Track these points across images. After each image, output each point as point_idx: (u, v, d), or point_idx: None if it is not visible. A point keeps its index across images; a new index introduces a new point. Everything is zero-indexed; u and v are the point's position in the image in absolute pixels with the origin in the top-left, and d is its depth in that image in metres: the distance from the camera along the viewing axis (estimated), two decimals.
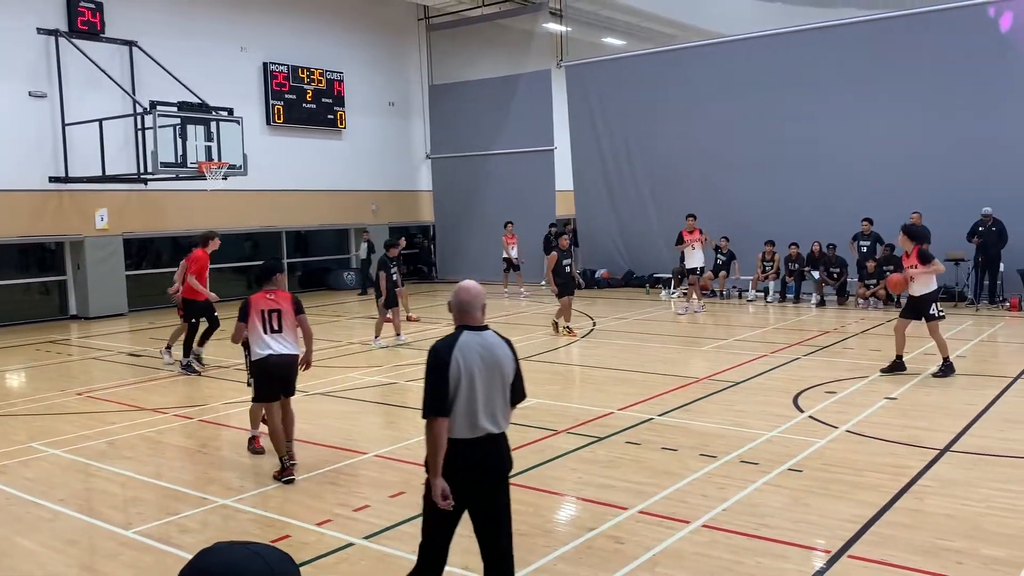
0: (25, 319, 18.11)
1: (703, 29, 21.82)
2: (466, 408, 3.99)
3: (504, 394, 4.12)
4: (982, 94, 16.61)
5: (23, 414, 9.69)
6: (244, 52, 21.33)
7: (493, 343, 4.13)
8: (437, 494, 3.95)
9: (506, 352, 4.16)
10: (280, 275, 7.34)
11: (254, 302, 7.15)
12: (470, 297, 4.16)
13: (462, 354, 4.00)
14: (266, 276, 7.30)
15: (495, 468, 4.12)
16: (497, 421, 4.08)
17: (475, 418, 4.00)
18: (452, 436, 3.98)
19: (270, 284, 7.23)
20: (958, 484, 6.35)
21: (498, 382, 4.09)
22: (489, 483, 4.10)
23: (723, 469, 6.83)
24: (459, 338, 4.06)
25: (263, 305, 7.13)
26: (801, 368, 10.93)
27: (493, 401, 4.07)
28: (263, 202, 21.57)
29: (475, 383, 3.99)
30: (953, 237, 16.15)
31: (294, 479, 6.88)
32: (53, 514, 6.33)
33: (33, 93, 17.42)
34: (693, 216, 16.75)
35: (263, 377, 7.12)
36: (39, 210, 17.60)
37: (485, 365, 4.04)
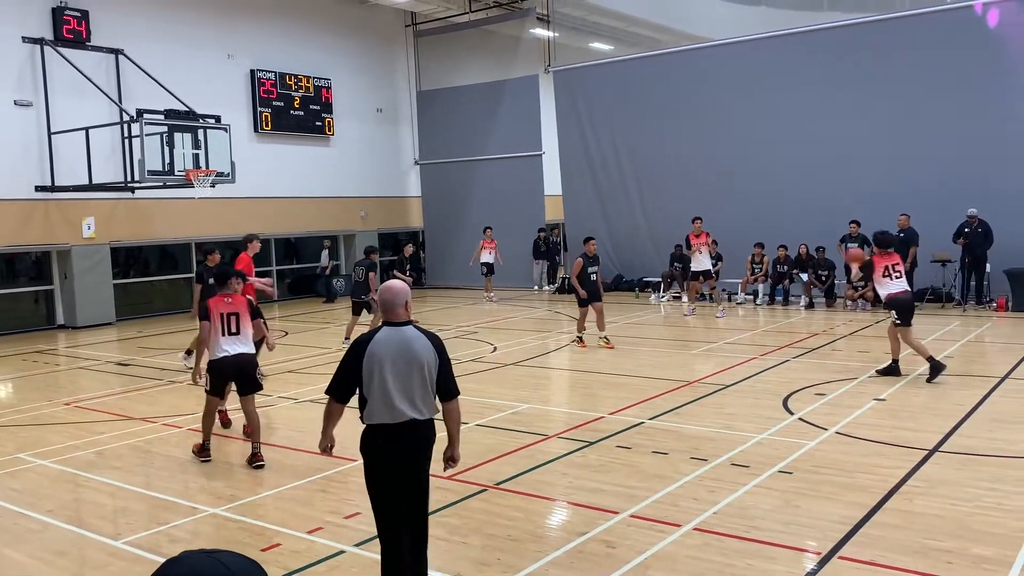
0: (12, 329, 17.99)
1: (689, 34, 21.94)
2: (381, 395, 4.37)
3: (425, 384, 4.43)
4: (968, 96, 16.73)
5: (10, 425, 9.62)
6: (231, 59, 21.30)
7: (411, 337, 4.47)
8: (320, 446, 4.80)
9: (425, 345, 4.46)
10: (234, 279, 7.84)
11: (213, 305, 7.64)
12: (391, 295, 4.53)
13: (377, 347, 4.40)
14: (222, 280, 7.85)
15: (417, 448, 4.49)
16: (417, 407, 4.42)
17: (391, 404, 4.37)
18: (374, 422, 4.41)
19: (225, 288, 7.73)
20: (947, 484, 6.38)
21: (415, 372, 4.41)
22: (412, 461, 4.49)
23: (714, 472, 6.84)
24: (378, 333, 4.48)
25: (222, 308, 7.61)
26: (790, 370, 10.97)
27: (411, 389, 4.40)
28: (252, 209, 21.50)
29: (387, 373, 4.36)
30: (940, 238, 16.25)
31: (211, 460, 7.69)
32: (42, 525, 6.29)
33: (19, 102, 17.34)
34: (699, 219, 16.67)
35: (218, 375, 7.69)
36: (25, 219, 17.51)
37: (400, 357, 4.40)
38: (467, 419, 8.89)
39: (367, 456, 4.51)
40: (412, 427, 4.42)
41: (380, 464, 4.46)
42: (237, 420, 8.71)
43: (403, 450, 4.45)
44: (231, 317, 7.58)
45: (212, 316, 7.55)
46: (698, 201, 20.12)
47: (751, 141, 19.31)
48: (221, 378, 7.68)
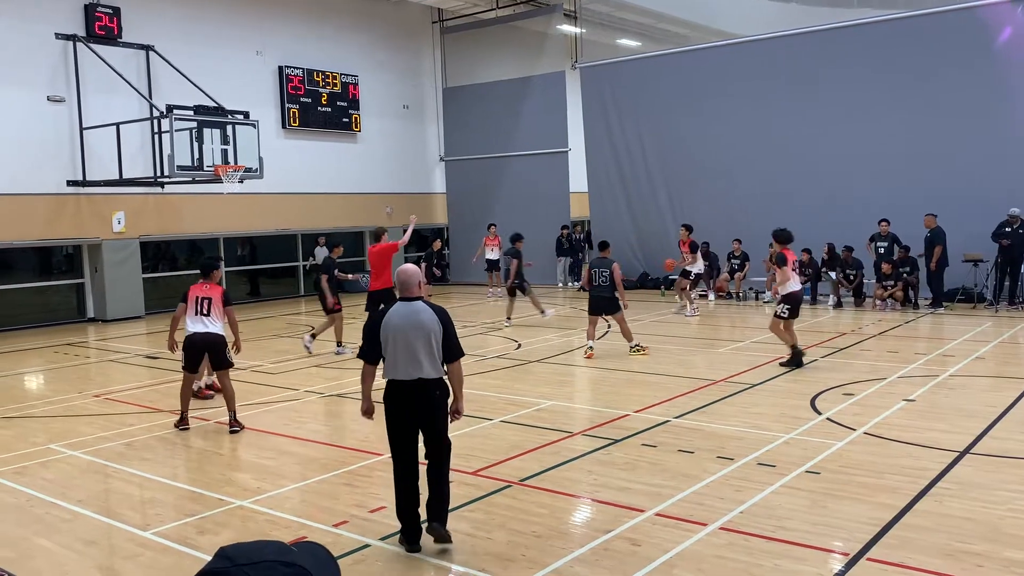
0: (43, 322, 18.27)
1: (717, 30, 21.76)
2: (394, 357, 5.36)
3: (431, 348, 5.36)
4: (1001, 94, 16.47)
5: (42, 416, 9.77)
6: (260, 56, 21.45)
7: (419, 310, 5.42)
8: (362, 408, 5.69)
9: (431, 317, 5.39)
10: (216, 272, 8.96)
11: (192, 290, 8.77)
12: (407, 276, 5.57)
13: (392, 319, 5.39)
14: (205, 272, 8.90)
15: (426, 402, 5.40)
16: (424, 368, 5.34)
17: (405, 365, 5.33)
18: (392, 378, 5.40)
19: (207, 278, 8.85)
20: (978, 487, 6.29)
21: (422, 339, 5.33)
22: (423, 412, 5.42)
23: (740, 471, 6.79)
24: (393, 307, 5.46)
25: (198, 293, 8.73)
26: (818, 370, 10.86)
27: (418, 353, 5.32)
28: (279, 205, 21.68)
29: (399, 340, 5.33)
30: (971, 238, 16.03)
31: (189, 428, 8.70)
32: (73, 515, 6.38)
33: (51, 98, 17.58)
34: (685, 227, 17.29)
35: (189, 349, 8.68)
36: (57, 213, 17.76)
37: (410, 326, 5.34)
38: (491, 415, 8.93)
39: (386, 404, 5.47)
40: (421, 384, 5.35)
41: (396, 411, 5.43)
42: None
43: (414, 403, 5.39)
44: (204, 301, 8.66)
45: (188, 299, 8.70)
46: (725, 199, 20.03)
47: (780, 139, 19.13)
48: (192, 352, 8.67)
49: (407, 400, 5.37)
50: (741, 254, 18.78)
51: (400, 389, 5.37)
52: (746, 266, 18.76)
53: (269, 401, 10.11)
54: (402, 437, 5.45)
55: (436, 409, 5.44)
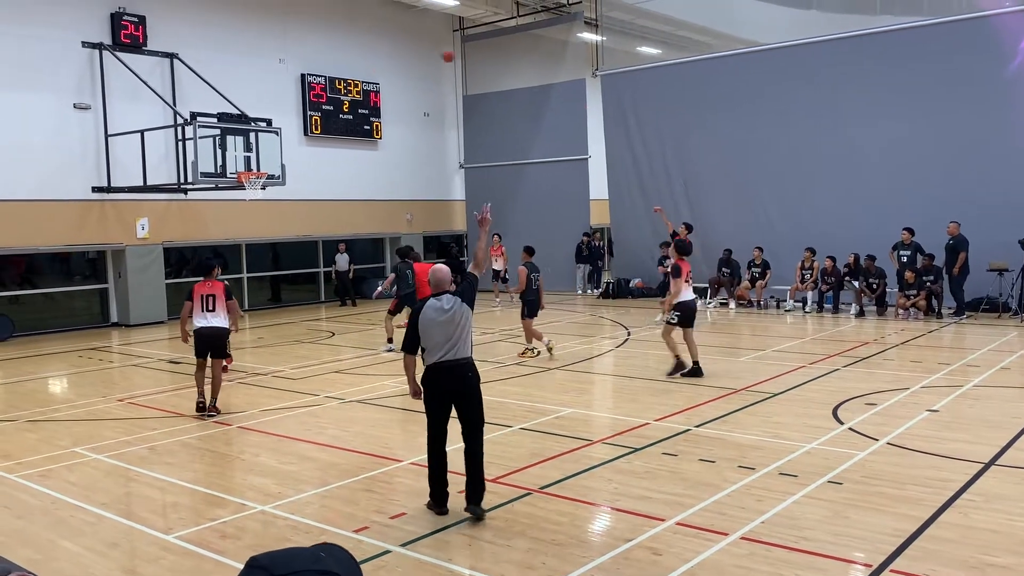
0: (67, 326, 18.47)
1: (738, 37, 21.69)
2: (432, 344, 6.16)
3: (462, 332, 6.19)
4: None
5: (67, 419, 9.87)
6: (282, 64, 21.62)
7: (449, 300, 6.21)
8: (411, 392, 6.53)
9: (458, 306, 6.18)
10: (216, 269, 9.90)
11: (196, 288, 9.70)
12: (443, 275, 6.42)
13: (427, 313, 6.19)
14: (206, 271, 9.83)
15: (462, 381, 6.19)
16: (457, 351, 6.16)
17: (442, 350, 6.14)
18: (431, 363, 6.18)
19: (208, 276, 9.74)
20: (1004, 499, 6.21)
21: (455, 325, 6.14)
22: (460, 389, 6.19)
23: (761, 481, 6.75)
24: (427, 302, 6.27)
25: (203, 291, 9.65)
26: (840, 379, 10.78)
27: (453, 339, 6.14)
28: (300, 212, 21.81)
29: (435, 329, 6.14)
30: (996, 246, 15.86)
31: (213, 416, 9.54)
32: (96, 518, 6.44)
33: (78, 105, 17.81)
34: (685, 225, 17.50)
35: (197, 341, 9.69)
36: (82, 219, 17.97)
37: (445, 316, 6.15)
38: (511, 423, 8.93)
39: (426, 386, 6.23)
40: (458, 364, 6.15)
41: (435, 391, 6.18)
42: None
43: (452, 381, 6.16)
44: (209, 298, 9.62)
45: (194, 297, 9.63)
46: (746, 206, 19.95)
47: (801, 146, 19.04)
48: (201, 343, 9.66)
49: (446, 379, 6.13)
50: (762, 262, 18.69)
51: (439, 370, 6.13)
52: (767, 274, 18.66)
53: (290, 407, 10.16)
54: (439, 413, 6.20)
55: (472, 386, 6.21)
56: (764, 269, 18.67)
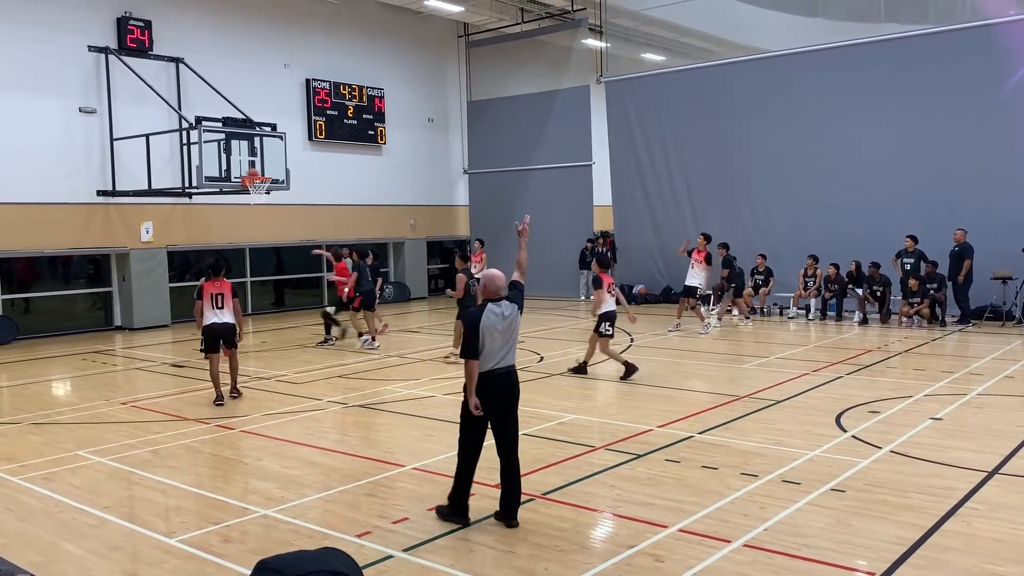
0: (71, 329, 18.50)
1: (743, 45, 21.71)
2: (489, 351, 6.03)
3: (515, 338, 6.19)
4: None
5: (70, 422, 9.89)
6: (287, 69, 21.70)
7: (506, 308, 6.18)
8: (472, 405, 6.01)
9: (515, 313, 6.21)
10: (223, 270, 10.80)
11: (206, 288, 10.51)
12: (501, 282, 6.30)
13: (489, 318, 6.05)
14: (215, 272, 10.62)
15: (514, 389, 6.16)
16: (509, 359, 6.14)
17: (496, 358, 6.05)
18: (485, 370, 6.01)
19: (217, 277, 10.58)
20: (1008, 507, 6.20)
21: (511, 332, 6.15)
22: (511, 397, 6.12)
23: (764, 488, 6.74)
24: (486, 307, 6.14)
25: (212, 290, 10.51)
26: (844, 387, 10.77)
27: (508, 346, 6.11)
28: (305, 216, 21.85)
29: (495, 336, 6.03)
30: (999, 255, 15.86)
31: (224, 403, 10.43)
32: (99, 520, 6.44)
33: (83, 109, 17.87)
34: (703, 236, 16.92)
35: (208, 336, 10.49)
36: (87, 223, 18.02)
37: (501, 324, 6.08)
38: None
39: (478, 394, 6.02)
40: (511, 373, 6.14)
41: (487, 399, 6.00)
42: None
43: (504, 389, 6.09)
44: (218, 296, 10.50)
45: (204, 296, 10.46)
46: (750, 214, 19.95)
47: (805, 153, 19.05)
48: (211, 338, 10.48)
49: (500, 387, 6.05)
50: (765, 269, 18.67)
51: (493, 378, 6.04)
52: (770, 281, 18.64)
53: (293, 411, 10.17)
54: (482, 425, 6.10)
55: (518, 394, 6.21)
56: (767, 276, 18.66)
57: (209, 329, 10.44)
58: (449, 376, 12.21)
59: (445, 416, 9.76)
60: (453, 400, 10.60)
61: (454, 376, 12.23)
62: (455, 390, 11.19)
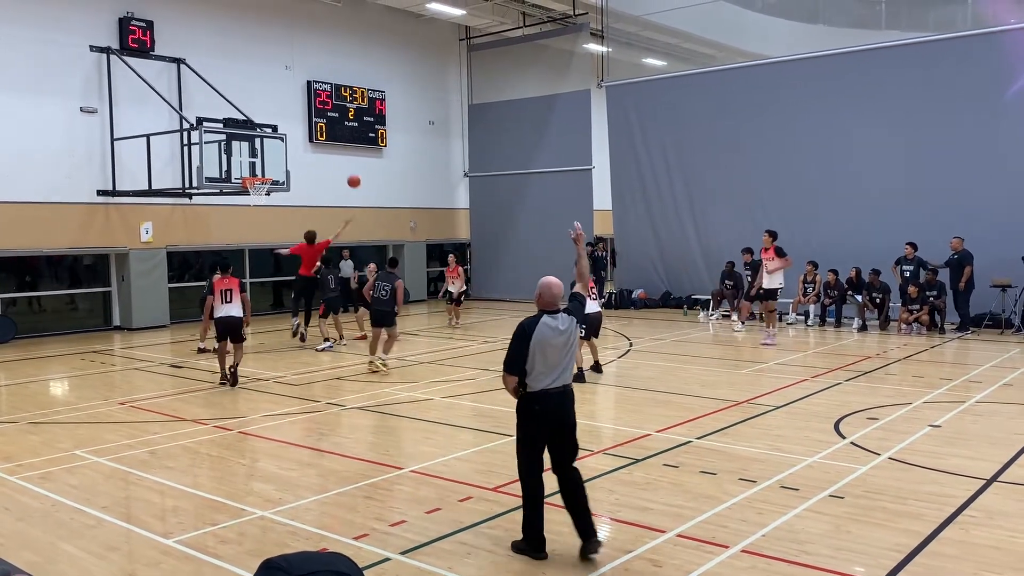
0: (70, 329, 18.49)
1: (744, 51, 21.77)
2: (541, 368, 5.50)
3: (572, 355, 5.68)
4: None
5: (68, 422, 9.88)
6: (288, 71, 21.71)
7: (563, 321, 5.64)
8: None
9: (572, 326, 5.69)
10: (231, 267, 12.20)
11: (217, 283, 11.78)
12: (559, 290, 5.74)
13: (543, 332, 5.52)
14: (223, 269, 12.01)
15: (568, 411, 5.66)
16: (565, 377, 5.60)
17: (551, 376, 5.52)
18: (536, 389, 5.52)
19: (226, 274, 11.88)
20: (1006, 515, 6.19)
21: (568, 348, 5.63)
22: (568, 418, 5.65)
23: (763, 494, 6.73)
24: (541, 319, 5.59)
25: (222, 286, 11.70)
26: (842, 393, 10.77)
27: (564, 363, 5.59)
28: (304, 217, 21.80)
29: (549, 352, 5.50)
30: (998, 262, 15.87)
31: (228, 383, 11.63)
32: (96, 521, 6.43)
33: (84, 109, 17.88)
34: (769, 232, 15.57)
35: (218, 327, 11.79)
36: (87, 222, 18.01)
37: (557, 338, 5.55)
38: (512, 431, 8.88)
39: (526, 416, 5.61)
40: (566, 392, 5.62)
41: (539, 421, 5.57)
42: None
43: (559, 411, 5.60)
44: (227, 292, 11.64)
45: (215, 291, 11.73)
46: (750, 219, 19.95)
47: (805, 159, 19.07)
48: (221, 329, 11.76)
49: (555, 409, 5.58)
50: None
51: (547, 398, 5.54)
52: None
53: (291, 413, 10.16)
54: (540, 449, 5.62)
55: (574, 414, 5.73)
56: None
57: (218, 321, 11.70)
58: (448, 379, 12.20)
59: (443, 419, 9.76)
60: (452, 403, 10.61)
61: (452, 379, 12.23)
62: (454, 393, 11.19)
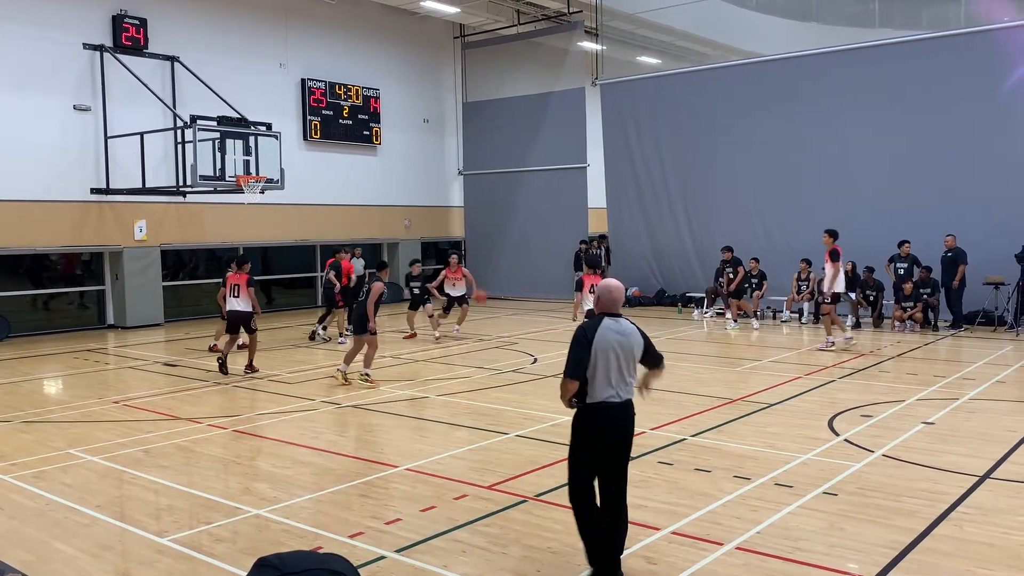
0: (64, 327, 18.44)
1: (738, 49, 21.78)
2: (603, 377, 5.03)
3: (634, 367, 5.17)
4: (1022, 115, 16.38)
5: (62, 421, 9.85)
6: (283, 68, 21.67)
7: (626, 328, 5.16)
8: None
9: (635, 334, 5.19)
10: (246, 264, 12.71)
11: (229, 279, 12.67)
12: (619, 294, 5.25)
13: (606, 335, 5.05)
14: (239, 264, 12.71)
15: (628, 427, 5.17)
16: (629, 390, 5.12)
17: (613, 388, 5.05)
18: (594, 400, 5.06)
19: (240, 270, 12.63)
20: (999, 512, 6.22)
21: (632, 358, 5.14)
22: (626, 436, 5.16)
23: (757, 491, 6.75)
24: (602, 323, 5.12)
25: (232, 281, 12.56)
26: (836, 391, 10.80)
27: (627, 373, 5.10)
28: (299, 216, 21.82)
29: (610, 358, 5.03)
30: (992, 260, 15.92)
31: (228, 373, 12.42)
32: (90, 520, 6.42)
33: (78, 107, 17.82)
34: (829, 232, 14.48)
35: (228, 320, 12.72)
36: (80, 221, 17.96)
37: (619, 345, 5.07)
38: (507, 429, 8.92)
39: (583, 431, 5.14)
40: (627, 406, 5.13)
41: (599, 436, 5.09)
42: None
43: (619, 426, 5.12)
44: (235, 287, 12.43)
45: (226, 285, 12.66)
46: (744, 217, 19.99)
47: (799, 157, 19.09)
48: (230, 321, 12.63)
49: (617, 424, 5.10)
50: (759, 272, 18.69)
51: (608, 411, 5.06)
52: (764, 284, 18.67)
53: (286, 411, 10.15)
54: (595, 466, 5.13)
55: (632, 435, 5.23)
56: (761, 280, 18.68)
57: (229, 314, 12.65)
58: (443, 377, 12.19)
59: (438, 417, 9.76)
60: (447, 400, 10.61)
61: (448, 377, 12.23)
62: (449, 391, 11.19)
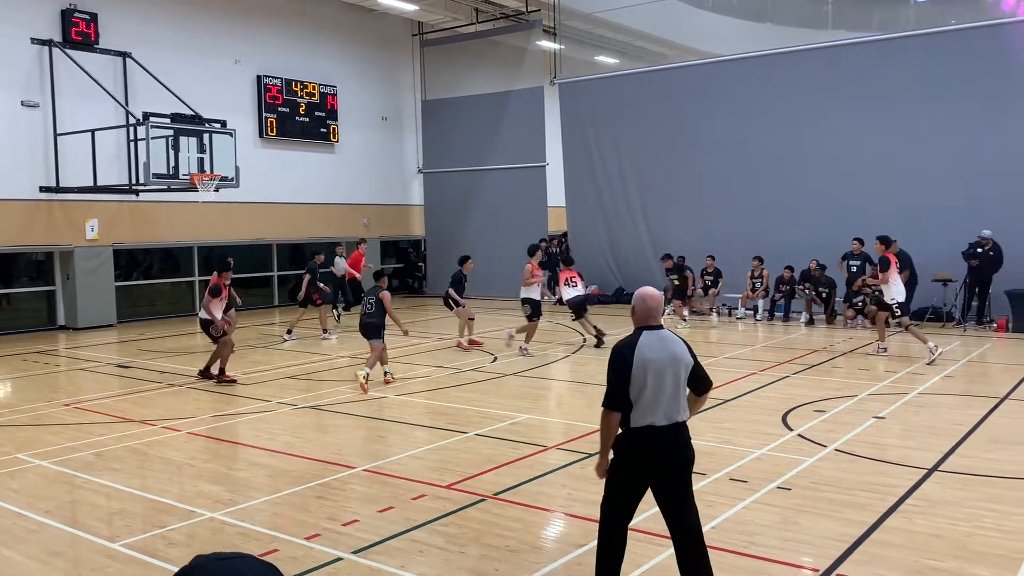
0: (13, 329, 18.01)
1: (694, 49, 22.02)
2: (646, 399, 4.41)
3: (683, 385, 4.53)
4: (977, 116, 16.75)
5: (9, 425, 9.62)
6: (238, 64, 21.38)
7: (671, 339, 4.57)
8: (602, 471, 4.62)
9: (682, 348, 4.56)
10: (227, 269, 12.51)
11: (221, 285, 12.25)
12: (656, 303, 4.68)
13: (644, 353, 4.43)
14: (222, 269, 12.44)
15: (683, 452, 4.52)
16: (680, 411, 4.49)
17: (663, 407, 4.42)
18: (642, 424, 4.42)
19: (221, 274, 12.32)
20: (946, 504, 6.37)
21: (680, 375, 4.50)
22: (678, 465, 4.51)
23: (712, 487, 6.83)
24: (640, 338, 4.53)
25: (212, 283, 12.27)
26: (790, 386, 10.96)
27: (678, 392, 4.48)
28: (255, 214, 21.55)
29: (652, 378, 4.40)
30: (941, 257, 16.28)
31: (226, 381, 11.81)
32: (39, 525, 6.28)
33: (25, 103, 17.40)
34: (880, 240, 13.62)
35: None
36: (29, 219, 17.55)
37: (664, 361, 4.45)
38: (466, 428, 8.92)
39: (622, 459, 4.53)
40: (680, 429, 4.52)
41: (641, 464, 4.49)
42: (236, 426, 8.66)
43: (665, 451, 4.48)
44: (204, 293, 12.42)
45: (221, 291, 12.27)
46: (700, 215, 20.22)
47: (754, 156, 19.34)
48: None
49: (659, 449, 4.46)
50: (714, 270, 18.93)
51: (654, 436, 4.44)
52: (719, 282, 18.90)
53: (241, 412, 10.03)
54: (632, 496, 4.59)
55: (692, 461, 4.56)
56: (716, 277, 18.92)
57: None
58: (401, 377, 12.14)
59: (396, 417, 9.72)
60: (405, 400, 10.57)
61: (408, 377, 12.18)
62: (407, 391, 11.15)
